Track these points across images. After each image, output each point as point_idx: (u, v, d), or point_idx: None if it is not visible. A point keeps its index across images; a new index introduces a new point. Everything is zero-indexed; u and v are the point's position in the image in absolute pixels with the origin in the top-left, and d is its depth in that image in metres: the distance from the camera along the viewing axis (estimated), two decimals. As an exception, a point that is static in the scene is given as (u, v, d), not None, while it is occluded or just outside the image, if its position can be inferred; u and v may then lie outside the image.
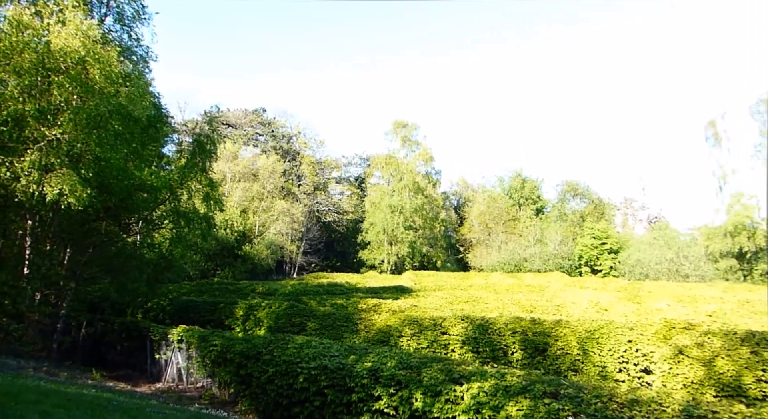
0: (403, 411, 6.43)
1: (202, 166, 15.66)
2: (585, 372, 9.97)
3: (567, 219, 62.55)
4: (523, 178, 68.53)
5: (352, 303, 14.91)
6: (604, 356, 9.98)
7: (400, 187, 56.50)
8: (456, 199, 76.73)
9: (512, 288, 25.38)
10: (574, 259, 52.36)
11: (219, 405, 9.49)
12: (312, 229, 56.86)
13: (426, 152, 60.11)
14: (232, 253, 40.41)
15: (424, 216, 57.74)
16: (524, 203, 66.96)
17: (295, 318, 13.25)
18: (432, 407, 6.11)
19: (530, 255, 52.14)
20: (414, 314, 12.60)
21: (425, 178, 60.23)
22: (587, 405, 5.01)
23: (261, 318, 13.82)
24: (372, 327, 12.25)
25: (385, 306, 13.86)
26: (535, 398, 5.36)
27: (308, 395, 7.43)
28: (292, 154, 62.98)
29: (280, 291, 21.61)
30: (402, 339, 11.49)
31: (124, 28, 14.49)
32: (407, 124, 59.44)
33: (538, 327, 10.71)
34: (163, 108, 16.14)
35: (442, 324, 11.43)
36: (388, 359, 7.26)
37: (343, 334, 12.38)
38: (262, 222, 47.94)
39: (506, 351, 10.69)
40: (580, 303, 16.74)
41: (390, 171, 57.94)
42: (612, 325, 10.32)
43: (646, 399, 4.92)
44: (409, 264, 55.15)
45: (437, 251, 59.82)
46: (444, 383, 6.22)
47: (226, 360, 9.34)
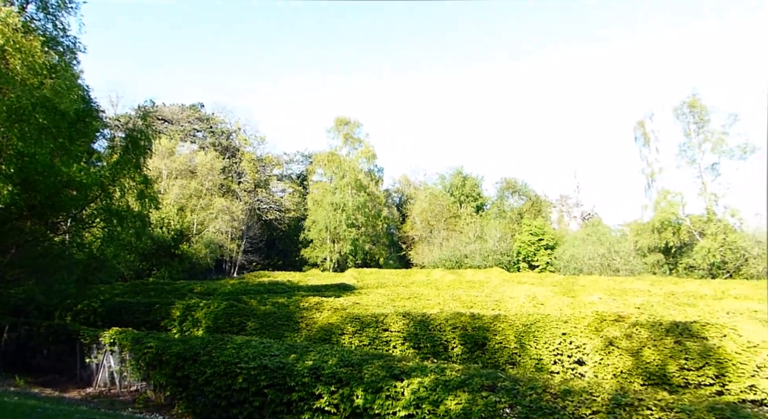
0: (344, 409, 6.41)
1: (136, 162, 15.04)
2: (522, 365, 10.24)
3: (506, 216, 64.18)
4: (463, 176, 69.79)
5: (293, 302, 14.73)
6: (540, 349, 10.28)
7: (342, 184, 56.34)
8: (398, 197, 77.29)
9: (453, 284, 25.76)
10: (512, 255, 53.77)
11: (154, 408, 9.17)
12: (253, 227, 55.91)
13: (368, 150, 60.18)
14: (169, 252, 39.13)
15: (367, 214, 57.83)
16: (465, 200, 68.20)
17: (234, 318, 12.97)
18: (373, 404, 6.12)
19: (471, 251, 53.15)
20: (356, 311, 12.59)
21: (368, 176, 60.31)
22: (523, 397, 5.14)
23: (199, 318, 13.45)
24: (314, 326, 12.15)
25: (327, 304, 13.78)
26: (473, 392, 5.46)
27: (248, 395, 7.29)
28: (231, 150, 61.62)
29: (219, 291, 21.11)
30: (344, 337, 11.46)
31: (48, 16, 13.68)
32: (349, 121, 59.33)
33: (478, 322, 10.92)
34: (93, 102, 15.43)
35: (383, 321, 11.47)
36: (330, 357, 7.21)
37: (284, 333, 12.23)
38: (201, 220, 46.69)
39: (447, 347, 10.84)
40: (517, 298, 17.17)
41: (332, 168, 57.68)
42: (547, 319, 10.64)
43: (578, 390, 5.10)
44: (351, 261, 55.11)
45: (380, 248, 60.06)
46: (385, 379, 6.24)
47: (161, 362, 9.03)
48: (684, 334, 9.52)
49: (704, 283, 25.19)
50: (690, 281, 27.80)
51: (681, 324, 9.77)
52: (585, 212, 69.36)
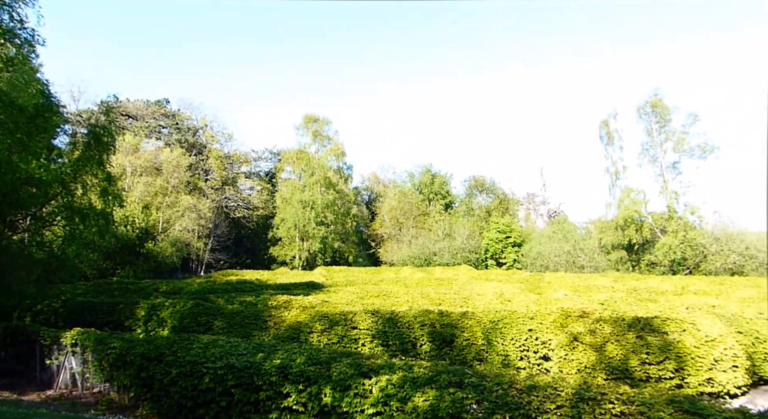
0: (312, 407, 6.39)
1: (99, 159, 14.69)
2: (489, 361, 10.37)
3: (474, 214, 64.75)
4: (432, 174, 70.12)
5: (261, 301, 14.60)
6: (506, 345, 10.42)
7: (311, 182, 56.02)
8: (367, 195, 77.27)
9: (422, 281, 25.90)
10: (480, 253, 54.31)
11: (118, 410, 8.98)
12: (220, 225, 55.20)
13: (338, 147, 59.95)
14: (134, 251, 38.35)
15: (336, 212, 57.64)
16: (434, 198, 68.57)
17: (201, 317, 12.79)
18: (341, 401, 6.12)
19: (439, 249, 53.49)
20: (324, 310, 12.55)
21: (337, 174, 60.11)
22: (489, 393, 5.20)
23: (164, 318, 13.22)
24: (282, 324, 12.08)
25: (295, 303, 13.70)
26: (440, 388, 5.50)
27: (214, 395, 7.20)
28: (198, 147, 60.67)
29: (185, 290, 20.77)
30: (312, 335, 11.42)
31: (4, 8, 13.19)
32: (318, 118, 58.99)
33: (446, 320, 11.00)
34: (53, 96, 14.93)
35: (352, 319, 11.46)
36: (298, 355, 7.17)
37: (252, 332, 12.12)
38: (167, 218, 45.86)
39: (415, 344, 10.89)
40: (485, 295, 17.34)
41: (301, 166, 57.28)
42: (514, 315, 10.79)
43: (543, 385, 5.19)
44: (320, 259, 54.89)
45: (349, 246, 59.97)
46: (353, 377, 6.24)
47: (125, 362, 8.85)
48: (645, 329, 9.77)
49: (665, 279, 25.89)
50: (652, 277, 28.53)
51: (642, 319, 10.03)
52: (551, 210, 70.53)
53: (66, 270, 16.38)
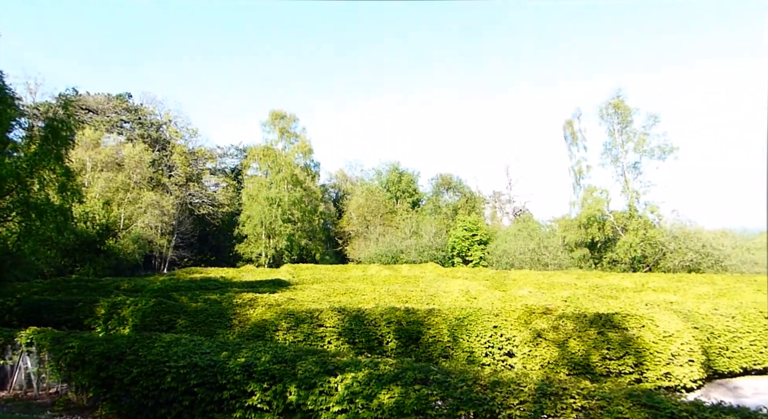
0: (276, 406, 6.33)
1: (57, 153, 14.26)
2: (455, 358, 10.45)
3: (441, 211, 65.21)
4: (400, 172, 70.29)
5: (226, 298, 14.39)
6: (472, 342, 10.52)
7: (278, 179, 55.49)
8: (335, 192, 76.98)
9: (389, 279, 25.94)
10: (447, 250, 54.70)
11: (76, 410, 8.74)
12: (184, 222, 54.23)
13: (305, 144, 59.52)
14: (94, 248, 37.33)
15: (303, 209, 57.25)
16: (401, 196, 68.77)
17: (163, 316, 12.54)
18: (306, 399, 6.08)
19: (406, 247, 53.67)
20: (290, 307, 12.46)
21: (304, 171, 59.69)
22: (454, 389, 5.24)
23: (125, 316, 12.91)
24: (247, 322, 11.94)
25: (261, 301, 13.55)
26: (406, 385, 5.51)
27: (177, 394, 7.07)
28: (161, 143, 59.42)
29: (148, 288, 20.33)
30: (278, 333, 11.32)
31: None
32: (285, 115, 58.43)
33: (412, 317, 11.04)
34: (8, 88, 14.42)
35: (318, 317, 11.41)
36: (263, 354, 7.10)
37: (216, 330, 11.95)
38: (129, 214, 44.79)
39: (381, 341, 10.90)
40: (451, 293, 17.47)
41: (268, 163, 56.68)
42: (479, 313, 10.90)
43: (507, 381, 5.25)
44: (287, 257, 54.46)
45: (316, 244, 59.65)
46: (319, 375, 6.20)
47: (84, 362, 8.60)
48: (606, 326, 9.99)
49: (626, 276, 26.51)
50: (613, 274, 29.17)
51: (604, 315, 10.25)
52: (517, 208, 71.53)
53: (21, 267, 15.88)
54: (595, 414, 4.49)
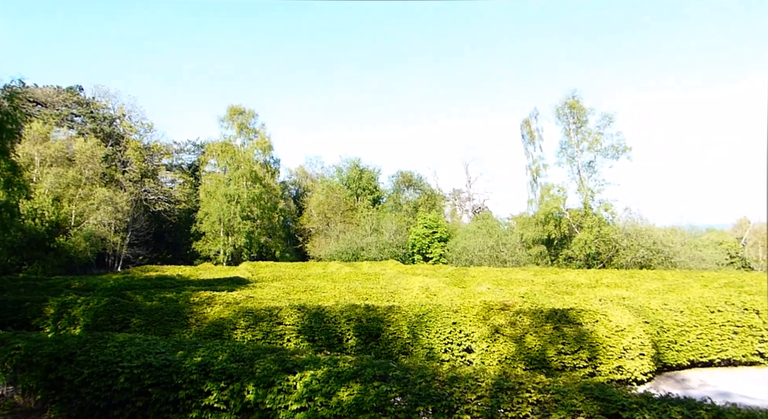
0: (234, 405, 6.24)
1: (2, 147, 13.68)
2: (415, 355, 10.51)
3: (401, 209, 65.49)
4: (360, 169, 70.21)
5: (183, 297, 14.09)
6: (431, 338, 10.60)
7: (237, 175, 54.66)
8: (295, 189, 76.36)
9: (349, 276, 25.90)
10: (407, 247, 55.00)
11: (22, 414, 8.41)
12: (139, 219, 52.84)
13: (264, 141, 58.82)
14: (43, 246, 36.02)
15: (263, 206, 56.59)
16: (362, 193, 68.73)
17: (117, 315, 12.19)
18: (264, 398, 6.01)
19: (367, 244, 53.71)
20: (249, 305, 12.30)
21: (263, 167, 58.99)
22: (413, 386, 5.27)
23: (76, 316, 12.50)
24: (204, 321, 11.73)
25: (219, 299, 13.33)
26: (365, 382, 5.51)
27: (130, 395, 6.88)
28: (115, 137, 57.65)
29: (100, 287, 19.74)
30: (236, 332, 11.16)
31: None
32: (244, 110, 57.57)
33: (372, 314, 11.05)
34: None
35: (278, 315, 11.30)
36: (220, 352, 6.98)
37: (172, 329, 11.70)
38: (80, 211, 43.33)
39: (341, 339, 10.88)
40: (411, 290, 17.57)
41: (226, 159, 55.76)
42: (439, 309, 10.99)
43: (464, 376, 5.32)
44: (246, 255, 53.75)
45: (276, 241, 59.07)
46: (277, 373, 6.14)
47: (31, 363, 8.28)
48: (562, 321, 10.22)
49: (581, 273, 27.19)
50: (569, 271, 29.88)
51: (559, 311, 10.48)
52: (476, 206, 72.49)
53: (-36, 266, 15.16)
54: (549, 407, 4.58)
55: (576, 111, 46.60)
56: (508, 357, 10.02)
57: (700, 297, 12.86)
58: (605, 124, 45.50)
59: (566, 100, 47.25)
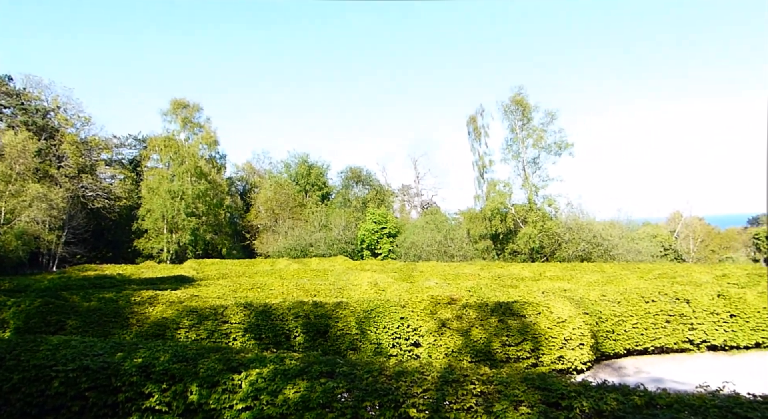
0: (177, 406, 6.07)
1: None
2: (363, 350, 10.54)
3: (350, 205, 65.37)
4: (309, 165, 69.64)
5: (123, 297, 13.61)
6: (380, 333, 10.65)
7: (181, 171, 53.23)
8: (242, 185, 75.03)
9: (298, 273, 25.68)
10: (356, 243, 54.98)
11: (-53, 426, 7.93)
12: (77, 217, 50.62)
13: (210, 135, 57.51)
14: (-30, 245, 34.10)
15: (208, 203, 55.38)
16: (310, 189, 68.22)
17: (51, 317, 11.66)
18: (208, 398, 5.88)
19: (316, 240, 53.38)
20: (194, 304, 12.01)
21: (209, 163, 57.69)
22: (360, 381, 5.27)
23: (6, 319, 11.89)
24: (146, 321, 11.38)
25: (161, 298, 12.94)
26: (312, 379, 5.48)
27: (65, 400, 6.59)
28: (49, 131, 54.91)
29: (33, 287, 18.84)
30: (180, 332, 10.89)
31: None
32: (188, 104, 56.09)
33: (320, 310, 11.01)
34: None
35: (223, 313, 11.09)
36: (162, 353, 6.78)
37: (111, 331, 11.29)
38: (11, 208, 41.16)
39: (289, 336, 10.79)
40: (360, 285, 17.60)
41: (169, 154, 54.19)
42: (387, 304, 11.05)
43: (411, 370, 5.36)
44: (191, 252, 52.52)
45: (222, 238, 57.93)
46: (222, 373, 6.02)
47: (-44, 371, 7.81)
48: (506, 314, 10.46)
49: (525, 266, 27.89)
50: (514, 265, 30.57)
51: (504, 304, 10.72)
52: (425, 201, 73.20)
53: None
54: (493, 398, 4.68)
55: (521, 107, 47.66)
56: (454, 350, 10.18)
57: (636, 288, 13.43)
58: (549, 121, 46.79)
59: (512, 96, 48.26)
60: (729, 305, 12.37)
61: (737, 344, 12.21)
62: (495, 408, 4.57)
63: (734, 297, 12.50)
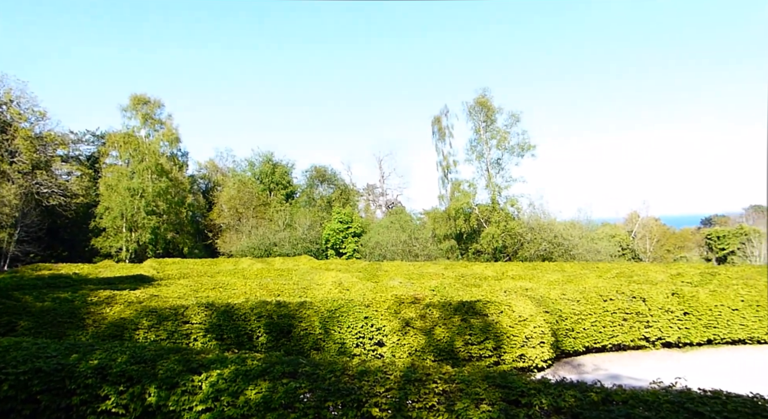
0: (134, 409, 5.93)
1: None
2: (326, 350, 10.50)
3: (315, 204, 65.04)
4: (273, 163, 68.95)
5: (79, 297, 13.20)
6: (343, 333, 10.63)
7: (141, 168, 52.01)
8: (205, 183, 73.75)
9: (261, 272, 25.41)
10: (321, 243, 54.72)
11: None
12: (30, 214, 48.88)
13: (171, 132, 56.34)
14: None
15: (170, 201, 54.28)
16: (275, 188, 67.57)
17: (1, 317, 11.24)
18: (167, 400, 5.76)
19: (280, 239, 52.91)
20: (153, 304, 11.75)
21: (170, 160, 56.52)
22: (322, 381, 5.25)
23: (-47, 320, 11.40)
24: (103, 322, 11.08)
25: (120, 298, 12.62)
26: (274, 379, 5.43)
27: (15, 404, 6.36)
28: (1, 125, 52.93)
29: (-17, 288, 18.11)
30: (138, 332, 10.64)
31: None
32: (149, 100, 54.82)
33: (284, 310, 10.92)
34: None
35: (184, 313, 10.89)
36: (119, 354, 6.61)
37: (66, 332, 10.95)
38: (-40, 205, 39.56)
39: (251, 336, 10.67)
40: (324, 285, 17.53)
41: (129, 151, 52.86)
42: (351, 304, 11.03)
43: (374, 369, 5.37)
44: (152, 251, 51.40)
45: (183, 237, 56.85)
46: (181, 374, 5.91)
47: None
48: (469, 312, 10.57)
49: (489, 266, 28.20)
50: (477, 264, 30.87)
51: (467, 303, 10.83)
52: (390, 201, 73.35)
53: None
54: (455, 396, 4.72)
55: (486, 109, 48.26)
56: (418, 349, 10.24)
57: (594, 287, 13.74)
58: (512, 123, 47.54)
59: (477, 97, 48.82)
60: (683, 303, 12.78)
61: (690, 341, 12.64)
62: (457, 406, 4.61)
63: (688, 295, 12.93)
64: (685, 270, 21.50)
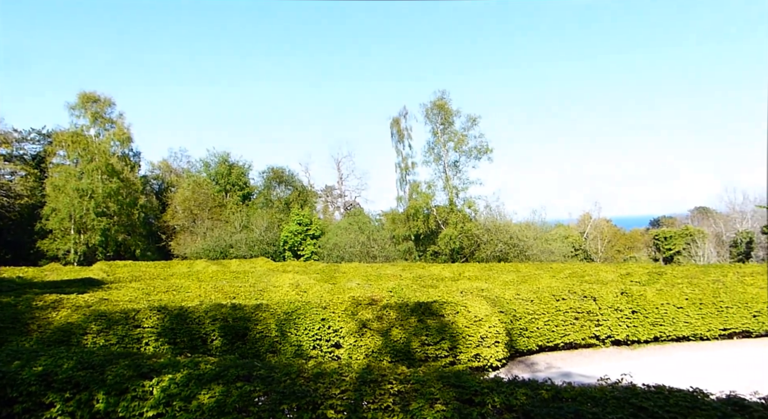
0: (81, 416, 5.75)
1: None
2: (283, 352, 10.41)
3: (273, 205, 64.33)
4: (230, 164, 67.85)
5: (23, 301, 12.66)
6: (300, 335, 10.56)
7: (90, 168, 50.30)
8: (158, 184, 71.94)
9: (216, 275, 24.96)
10: (279, 245, 54.15)
11: None
12: (-29, 216, 46.75)
13: (122, 132, 54.72)
14: None
15: (121, 202, 52.71)
16: (231, 189, 66.52)
17: (-62, 325, 10.70)
18: (117, 406, 5.60)
19: (236, 241, 52.11)
20: (102, 308, 11.39)
21: (122, 160, 54.89)
22: (278, 384, 5.21)
23: None
24: (48, 327, 10.68)
25: (67, 302, 12.17)
26: (228, 383, 5.36)
27: (-49, 416, 6.08)
28: (-61, 122, 50.42)
29: None
30: (87, 337, 10.31)
31: None
32: (99, 98, 53.10)
33: (239, 313, 10.77)
34: None
35: (135, 317, 10.61)
36: (65, 360, 6.39)
37: (8, 338, 10.50)
38: None
39: (206, 340, 10.48)
40: (281, 287, 17.36)
41: (78, 150, 51.04)
42: (308, 306, 10.97)
43: (329, 371, 5.36)
44: (101, 254, 49.79)
45: (136, 239, 55.30)
46: (131, 379, 5.76)
47: None
48: (426, 313, 10.66)
49: (446, 267, 28.50)
50: (435, 265, 31.16)
51: (423, 304, 10.92)
52: (348, 202, 73.23)
53: None
54: (410, 396, 4.76)
55: (444, 112, 48.77)
56: (375, 350, 10.26)
57: (548, 287, 14.07)
58: (470, 126, 48.19)
59: (435, 100, 49.28)
60: (631, 302, 13.23)
61: (638, 338, 13.09)
62: (411, 406, 4.65)
63: (636, 294, 13.39)
64: (634, 270, 22.26)
